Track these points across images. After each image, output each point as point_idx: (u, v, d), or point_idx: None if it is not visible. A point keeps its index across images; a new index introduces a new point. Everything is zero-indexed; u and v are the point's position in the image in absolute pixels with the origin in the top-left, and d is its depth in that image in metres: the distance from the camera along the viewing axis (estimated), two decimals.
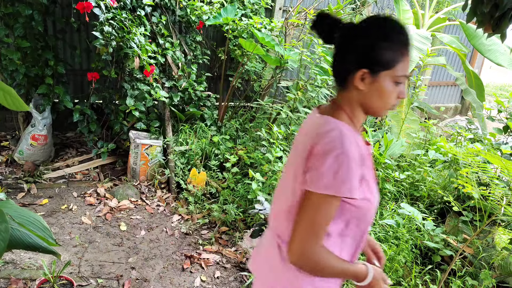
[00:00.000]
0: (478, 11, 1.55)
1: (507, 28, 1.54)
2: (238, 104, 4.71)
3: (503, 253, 2.56)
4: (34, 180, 3.52)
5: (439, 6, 5.29)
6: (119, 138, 4.05)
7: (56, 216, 3.10)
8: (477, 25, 1.64)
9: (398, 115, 4.23)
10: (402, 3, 4.61)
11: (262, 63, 4.71)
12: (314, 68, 3.66)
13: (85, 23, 3.73)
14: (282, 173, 1.15)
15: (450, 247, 2.76)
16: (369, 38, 1.05)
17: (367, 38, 1.06)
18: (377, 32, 1.06)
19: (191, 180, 3.44)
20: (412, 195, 3.37)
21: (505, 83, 12.37)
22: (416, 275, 2.54)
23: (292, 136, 3.63)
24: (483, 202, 2.65)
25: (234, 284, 2.65)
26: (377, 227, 2.85)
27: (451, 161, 3.39)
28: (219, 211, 3.18)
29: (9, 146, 4.00)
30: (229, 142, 3.81)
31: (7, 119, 4.19)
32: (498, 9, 1.47)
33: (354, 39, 1.07)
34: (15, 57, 3.46)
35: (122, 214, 3.25)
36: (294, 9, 4.31)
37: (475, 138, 4.06)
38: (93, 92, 3.79)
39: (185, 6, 4.22)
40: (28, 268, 2.50)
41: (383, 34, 1.05)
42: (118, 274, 2.58)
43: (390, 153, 3.45)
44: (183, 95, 4.25)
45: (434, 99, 7.25)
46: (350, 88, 1.11)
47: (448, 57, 6.79)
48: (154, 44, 3.92)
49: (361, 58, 1.06)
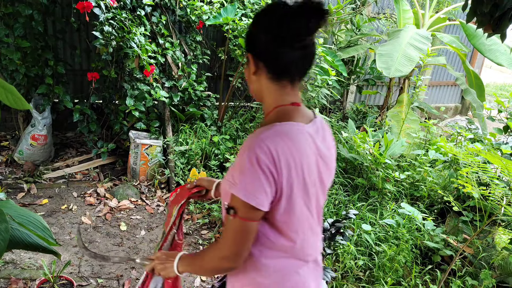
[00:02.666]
0: (478, 11, 1.55)
1: (507, 28, 1.54)
2: (238, 104, 4.71)
3: (503, 253, 2.56)
4: (34, 180, 3.52)
5: (439, 6, 5.29)
6: (119, 138, 4.05)
7: (56, 216, 3.10)
8: (477, 25, 1.64)
9: (398, 115, 4.23)
10: (402, 3, 4.61)
11: None
12: (314, 68, 3.66)
13: (85, 23, 3.73)
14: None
15: (450, 247, 2.76)
16: None
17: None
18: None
19: (191, 180, 3.44)
20: (412, 195, 3.37)
21: (505, 83, 12.36)
22: (416, 275, 2.54)
23: None
24: (483, 202, 2.65)
25: None
26: (377, 227, 2.85)
27: (451, 161, 3.39)
28: (219, 211, 3.18)
29: (9, 146, 4.00)
30: (229, 142, 3.81)
31: (7, 119, 4.19)
32: (498, 9, 1.47)
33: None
34: (15, 57, 3.46)
35: (122, 214, 3.25)
36: None
37: (475, 138, 4.06)
38: (93, 92, 3.79)
39: (185, 6, 4.22)
40: (28, 268, 2.50)
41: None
42: (118, 274, 2.58)
43: (390, 153, 3.45)
44: (183, 95, 4.25)
45: (434, 99, 7.25)
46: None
47: (448, 57, 6.79)
48: (154, 44, 3.92)
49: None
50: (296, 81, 1.09)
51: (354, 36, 4.83)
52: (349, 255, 2.61)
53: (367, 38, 5.43)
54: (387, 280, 2.45)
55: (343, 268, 2.59)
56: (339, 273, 2.58)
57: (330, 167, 1.17)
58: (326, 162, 1.14)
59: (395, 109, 4.37)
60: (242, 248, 1.05)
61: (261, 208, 1.00)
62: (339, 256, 2.66)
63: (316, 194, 1.13)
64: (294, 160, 1.02)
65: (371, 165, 3.34)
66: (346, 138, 3.77)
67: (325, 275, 1.88)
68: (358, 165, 3.56)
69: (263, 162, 0.97)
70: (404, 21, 4.55)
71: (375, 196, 3.23)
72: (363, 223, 2.89)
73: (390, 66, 3.66)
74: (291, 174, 1.01)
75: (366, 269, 2.66)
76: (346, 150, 3.63)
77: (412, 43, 3.84)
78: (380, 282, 2.48)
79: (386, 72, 3.65)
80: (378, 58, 3.79)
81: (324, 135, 1.16)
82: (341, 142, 3.85)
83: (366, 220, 2.95)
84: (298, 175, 1.03)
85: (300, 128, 1.07)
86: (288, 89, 1.08)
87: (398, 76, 4.02)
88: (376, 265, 2.60)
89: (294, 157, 1.02)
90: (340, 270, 2.59)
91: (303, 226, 1.12)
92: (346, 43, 4.82)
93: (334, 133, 4.25)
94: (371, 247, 2.71)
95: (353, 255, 2.63)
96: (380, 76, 5.19)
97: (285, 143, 1.01)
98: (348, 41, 4.82)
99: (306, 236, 1.14)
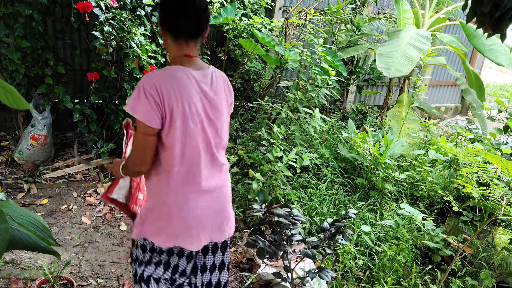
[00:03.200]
0: (478, 11, 1.55)
1: (507, 28, 1.54)
2: (238, 104, 4.71)
3: (503, 253, 2.56)
4: (34, 180, 3.52)
5: (439, 6, 5.29)
6: (119, 138, 4.05)
7: (56, 216, 3.10)
8: (477, 25, 1.64)
9: (398, 115, 4.23)
10: (402, 3, 4.61)
11: (262, 63, 4.70)
12: (314, 68, 3.66)
13: (85, 23, 3.73)
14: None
15: (450, 247, 2.76)
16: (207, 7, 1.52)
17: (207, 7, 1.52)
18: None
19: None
20: (412, 195, 3.37)
21: (505, 83, 12.36)
22: (416, 275, 2.54)
23: (292, 136, 3.63)
24: (483, 202, 2.65)
25: (234, 284, 2.65)
26: (377, 227, 2.85)
27: (451, 161, 3.39)
28: None
29: (9, 146, 4.00)
30: (229, 142, 3.81)
31: (7, 119, 4.19)
32: (498, 9, 1.47)
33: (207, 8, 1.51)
34: (15, 57, 3.46)
35: (122, 214, 3.25)
36: (294, 9, 4.31)
37: (475, 138, 4.06)
38: (93, 92, 3.79)
39: None
40: (28, 268, 2.50)
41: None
42: (118, 274, 2.58)
43: (390, 153, 3.45)
44: None
45: (434, 99, 7.25)
46: (200, 39, 1.52)
47: (448, 57, 6.79)
48: (154, 44, 3.92)
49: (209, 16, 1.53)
50: (189, 41, 1.49)
51: (354, 36, 4.83)
52: (349, 255, 2.61)
53: (367, 38, 5.44)
54: (387, 280, 2.45)
55: (343, 268, 2.59)
56: (339, 273, 2.58)
57: (218, 108, 1.54)
58: (212, 103, 1.52)
59: (395, 109, 4.37)
60: (143, 157, 1.46)
61: (150, 125, 1.39)
62: (339, 256, 2.66)
63: (201, 125, 1.49)
64: (174, 92, 1.40)
65: (371, 165, 3.34)
66: (346, 138, 3.77)
67: (325, 275, 1.88)
68: (358, 165, 3.56)
69: (148, 92, 1.37)
70: (404, 21, 4.55)
71: (375, 196, 3.24)
72: (363, 223, 2.89)
73: (390, 66, 3.66)
74: (171, 102, 1.40)
75: (366, 269, 2.66)
76: (346, 150, 3.63)
77: (412, 43, 3.83)
78: (380, 282, 2.49)
79: (386, 72, 3.65)
80: (378, 58, 3.78)
81: (213, 82, 1.54)
82: (341, 142, 3.86)
83: (366, 220, 2.95)
84: (177, 103, 1.41)
85: (186, 71, 1.46)
86: (184, 46, 1.49)
87: (398, 76, 4.02)
88: (376, 265, 2.60)
89: (174, 90, 1.40)
90: (340, 270, 2.59)
91: (186, 152, 1.47)
92: (346, 43, 4.82)
93: (334, 133, 4.25)
94: (371, 247, 2.71)
95: (353, 255, 2.63)
96: (380, 76, 5.19)
97: (168, 79, 1.41)
98: (348, 41, 4.82)
99: (191, 164, 1.50)
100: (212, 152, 1.55)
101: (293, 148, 3.36)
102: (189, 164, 1.49)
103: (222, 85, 1.57)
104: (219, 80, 1.57)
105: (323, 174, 3.40)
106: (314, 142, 3.81)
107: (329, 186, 3.31)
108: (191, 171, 1.50)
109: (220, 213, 1.63)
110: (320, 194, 3.16)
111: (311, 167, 3.49)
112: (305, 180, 3.38)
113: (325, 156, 3.54)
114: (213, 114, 1.52)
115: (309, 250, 1.93)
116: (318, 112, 3.52)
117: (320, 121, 3.57)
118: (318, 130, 3.59)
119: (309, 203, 3.08)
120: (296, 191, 3.21)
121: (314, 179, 3.39)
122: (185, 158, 1.48)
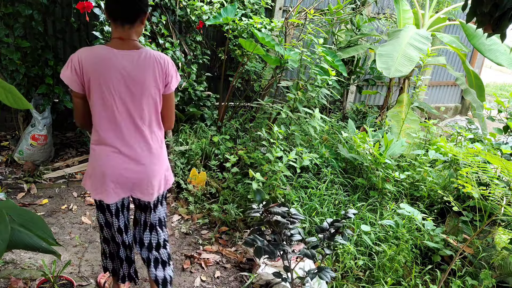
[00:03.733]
0: (478, 11, 1.55)
1: (507, 28, 1.54)
2: (238, 104, 4.71)
3: (503, 253, 2.56)
4: (34, 180, 3.52)
5: (439, 6, 5.29)
6: None
7: (56, 216, 3.10)
8: (477, 25, 1.64)
9: (398, 115, 4.23)
10: (402, 3, 4.61)
11: (262, 63, 4.70)
12: (314, 68, 3.66)
13: (85, 23, 3.73)
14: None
15: (450, 247, 2.76)
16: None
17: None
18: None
19: (191, 180, 3.44)
20: (412, 195, 3.37)
21: (505, 83, 12.36)
22: (416, 275, 2.54)
23: (292, 136, 3.63)
24: (483, 202, 2.65)
25: (234, 284, 2.65)
26: (377, 227, 2.85)
27: (451, 161, 3.39)
28: (219, 211, 3.18)
29: (9, 146, 4.00)
30: (229, 142, 3.81)
31: (7, 119, 4.19)
32: (498, 9, 1.47)
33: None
34: (15, 57, 3.46)
35: None
36: (294, 9, 4.31)
37: (475, 138, 4.06)
38: None
39: (185, 6, 4.22)
40: (28, 268, 2.50)
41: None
42: None
43: (390, 153, 3.45)
44: (183, 95, 4.25)
45: (434, 99, 7.25)
46: (138, 24, 1.78)
47: (448, 57, 6.79)
48: (154, 44, 3.92)
49: (147, 3, 1.80)
50: (125, 24, 1.74)
51: (354, 36, 4.83)
52: (349, 255, 2.61)
53: (367, 38, 5.44)
54: (387, 280, 2.45)
55: (343, 268, 2.59)
56: (339, 273, 2.58)
57: (140, 84, 1.76)
58: (134, 79, 1.75)
59: (395, 109, 4.37)
60: (77, 114, 1.85)
61: (74, 89, 1.76)
62: (339, 256, 2.66)
63: (119, 97, 1.75)
64: (92, 66, 1.70)
65: (371, 165, 3.34)
66: (346, 138, 3.77)
67: (324, 275, 1.88)
68: (358, 165, 3.56)
69: (73, 62, 1.70)
70: (404, 21, 4.55)
71: (375, 196, 3.24)
72: (363, 223, 2.89)
73: (390, 66, 3.66)
74: (88, 73, 1.70)
75: (366, 269, 2.66)
76: (346, 150, 3.63)
77: (412, 43, 3.83)
78: (380, 282, 2.49)
79: (386, 72, 3.65)
80: (378, 58, 3.78)
81: (140, 61, 1.75)
82: (341, 142, 3.86)
83: (366, 220, 2.95)
84: (94, 76, 1.71)
85: (109, 49, 1.73)
86: (119, 29, 1.75)
87: (398, 76, 4.02)
88: (376, 265, 2.60)
89: (93, 64, 1.70)
90: (340, 270, 2.59)
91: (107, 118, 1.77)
92: (346, 43, 4.82)
93: (333, 133, 4.25)
94: (371, 247, 2.71)
95: (353, 255, 2.63)
96: (380, 76, 5.19)
97: (90, 54, 1.71)
98: (348, 41, 4.82)
99: (111, 129, 1.79)
100: (135, 123, 1.81)
101: (293, 148, 3.36)
102: (110, 129, 1.79)
103: (151, 65, 1.77)
104: (148, 60, 1.77)
105: (323, 174, 3.40)
106: (314, 142, 3.81)
107: (329, 186, 3.31)
108: (112, 135, 1.79)
109: (141, 177, 1.87)
110: (320, 194, 3.16)
111: (311, 167, 3.49)
112: (305, 180, 3.38)
113: (325, 156, 3.54)
114: (134, 88, 1.76)
115: (308, 250, 1.93)
116: (318, 112, 3.52)
117: (320, 121, 3.57)
118: (318, 130, 3.59)
119: (309, 203, 3.08)
120: (296, 191, 3.21)
121: (314, 179, 3.39)
122: (105, 122, 1.78)
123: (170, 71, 1.85)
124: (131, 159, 1.83)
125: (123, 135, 1.80)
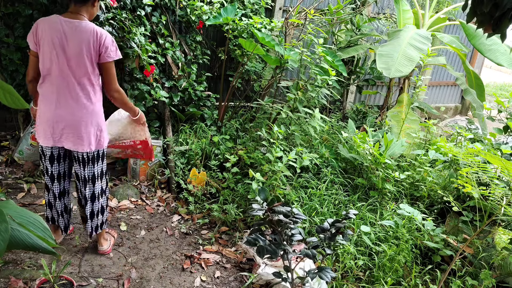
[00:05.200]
0: (478, 11, 1.55)
1: (507, 28, 1.54)
2: (238, 104, 4.71)
3: (503, 253, 2.56)
4: (34, 180, 3.52)
5: (439, 6, 5.29)
6: None
7: None
8: (477, 25, 1.64)
9: (398, 115, 4.23)
10: (402, 3, 4.60)
11: (262, 63, 4.70)
12: (314, 68, 3.66)
13: None
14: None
15: (450, 247, 2.76)
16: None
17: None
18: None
19: (191, 180, 3.44)
20: (412, 195, 3.37)
21: (505, 83, 12.36)
22: (416, 275, 2.54)
23: (292, 136, 3.63)
24: (483, 202, 2.65)
25: (234, 284, 2.65)
26: (377, 227, 2.85)
27: (451, 161, 3.39)
28: (219, 211, 3.18)
29: (9, 146, 4.00)
30: (229, 142, 3.81)
31: (7, 119, 4.19)
32: (498, 9, 1.47)
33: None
34: (15, 57, 3.46)
35: (122, 214, 3.25)
36: (294, 9, 4.31)
37: (475, 138, 4.06)
38: None
39: (185, 6, 4.22)
40: (28, 268, 2.50)
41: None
42: (118, 274, 2.58)
43: (390, 153, 3.45)
44: (183, 95, 4.25)
45: (434, 99, 7.25)
46: (89, 5, 2.27)
47: (448, 57, 6.79)
48: (154, 44, 3.92)
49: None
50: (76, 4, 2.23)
51: (354, 36, 4.83)
52: (349, 255, 2.62)
53: (367, 38, 5.43)
54: (387, 280, 2.45)
55: (343, 268, 2.59)
56: (339, 273, 2.59)
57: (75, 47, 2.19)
58: (70, 41, 2.18)
59: (395, 109, 4.37)
60: (28, 70, 2.33)
61: (31, 48, 2.25)
62: (339, 256, 2.66)
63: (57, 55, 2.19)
64: (43, 29, 2.18)
65: (371, 165, 3.34)
66: (346, 138, 3.77)
67: (325, 275, 1.88)
68: (358, 165, 3.56)
69: (32, 29, 2.22)
70: (404, 21, 4.55)
71: (375, 196, 3.24)
72: (363, 223, 2.89)
73: (390, 66, 3.66)
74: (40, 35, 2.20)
75: (366, 269, 2.67)
76: (346, 150, 3.63)
77: (412, 43, 3.83)
78: (380, 282, 2.49)
79: (386, 72, 3.65)
80: (378, 58, 3.78)
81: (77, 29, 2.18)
82: (341, 142, 3.86)
83: (366, 220, 2.95)
84: (44, 37, 2.18)
85: (58, 17, 2.20)
86: (71, 5, 2.24)
87: (398, 76, 4.02)
88: (376, 265, 2.60)
89: (44, 28, 2.18)
90: (340, 270, 2.59)
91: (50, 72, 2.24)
92: (346, 43, 4.82)
93: (333, 133, 4.25)
94: (371, 247, 2.71)
95: (353, 255, 2.63)
96: (380, 76, 5.19)
97: (44, 21, 2.20)
98: (348, 41, 4.82)
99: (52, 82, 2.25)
100: (68, 78, 2.23)
101: (293, 148, 3.36)
102: (51, 82, 2.24)
103: (87, 33, 2.19)
104: (85, 29, 2.19)
105: (323, 174, 3.40)
106: (314, 142, 3.81)
107: (329, 186, 3.31)
108: (51, 88, 2.25)
109: (73, 128, 2.29)
110: (320, 194, 3.16)
111: (311, 167, 3.49)
112: (305, 180, 3.38)
113: (325, 156, 3.54)
114: (69, 49, 2.19)
115: (309, 250, 1.93)
116: (318, 112, 3.52)
117: (320, 121, 3.57)
118: (318, 130, 3.59)
119: (309, 203, 3.09)
120: (296, 191, 3.21)
121: (314, 179, 3.39)
122: (48, 76, 2.24)
123: (105, 43, 2.21)
124: (65, 112, 2.26)
125: (58, 88, 2.24)
